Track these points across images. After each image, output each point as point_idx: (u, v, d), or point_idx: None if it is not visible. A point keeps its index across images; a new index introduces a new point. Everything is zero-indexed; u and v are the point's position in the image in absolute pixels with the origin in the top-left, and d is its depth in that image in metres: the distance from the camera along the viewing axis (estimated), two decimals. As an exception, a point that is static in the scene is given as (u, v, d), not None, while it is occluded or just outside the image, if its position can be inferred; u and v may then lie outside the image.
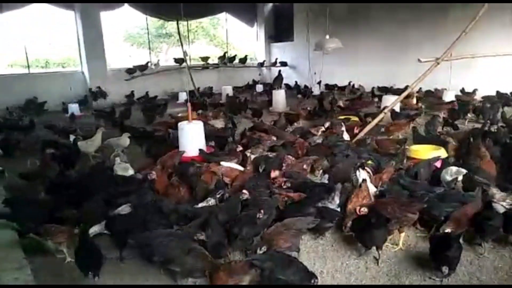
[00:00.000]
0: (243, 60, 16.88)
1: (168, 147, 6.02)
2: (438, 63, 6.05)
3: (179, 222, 3.60)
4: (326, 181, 4.34)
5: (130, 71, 14.00)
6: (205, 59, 16.10)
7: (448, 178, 4.22)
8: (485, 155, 4.72)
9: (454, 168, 4.30)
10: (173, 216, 3.61)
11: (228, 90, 13.67)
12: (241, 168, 4.81)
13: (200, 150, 5.58)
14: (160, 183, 4.37)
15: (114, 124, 8.54)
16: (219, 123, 7.96)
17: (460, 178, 4.12)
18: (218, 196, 3.92)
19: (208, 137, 6.24)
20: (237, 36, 20.47)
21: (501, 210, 3.44)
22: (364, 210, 3.51)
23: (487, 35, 9.65)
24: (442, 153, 5.27)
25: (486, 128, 6.20)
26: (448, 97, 9.62)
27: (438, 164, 4.62)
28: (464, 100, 9.22)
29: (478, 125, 7.00)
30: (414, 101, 9.57)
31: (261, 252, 3.01)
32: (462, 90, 10.23)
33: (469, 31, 6.02)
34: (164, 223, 3.54)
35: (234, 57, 16.77)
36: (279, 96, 10.94)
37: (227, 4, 16.88)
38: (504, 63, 9.17)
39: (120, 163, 4.75)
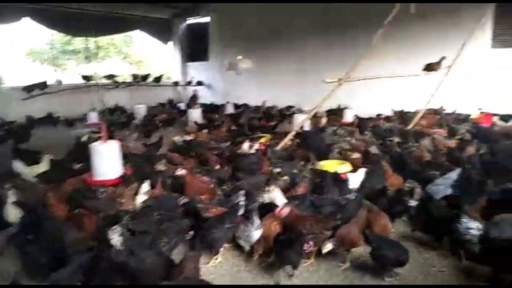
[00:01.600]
0: (158, 79, 16.49)
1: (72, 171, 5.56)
2: (341, 84, 6.54)
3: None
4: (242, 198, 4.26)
5: (27, 89, 12.65)
6: (110, 77, 15.19)
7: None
8: (388, 169, 5.15)
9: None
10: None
11: (142, 109, 13.12)
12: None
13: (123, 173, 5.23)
14: (59, 212, 3.97)
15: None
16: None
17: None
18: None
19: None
20: (151, 54, 20.05)
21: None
22: (286, 210, 3.59)
23: (384, 58, 10.68)
24: (347, 167, 5.64)
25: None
26: (349, 116, 10.44)
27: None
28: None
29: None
30: (324, 120, 10.03)
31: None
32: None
33: (368, 55, 6.64)
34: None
35: (147, 76, 16.30)
36: (195, 115, 10.87)
37: (141, 22, 16.51)
38: (398, 84, 10.17)
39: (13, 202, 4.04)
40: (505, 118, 8.81)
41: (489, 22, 9.58)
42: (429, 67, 7.84)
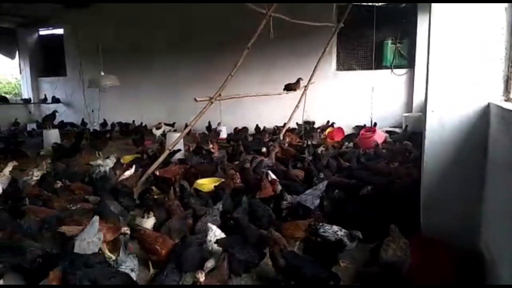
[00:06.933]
0: (3, 99, 14.40)
1: None
2: (212, 102, 6.71)
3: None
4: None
5: None
6: None
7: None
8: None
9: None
10: None
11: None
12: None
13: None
14: None
15: None
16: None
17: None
18: None
19: None
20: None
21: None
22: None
23: (250, 78, 11.33)
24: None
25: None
26: (223, 133, 10.83)
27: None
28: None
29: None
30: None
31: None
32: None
33: (235, 74, 6.96)
34: None
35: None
36: (51, 137, 9.54)
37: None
38: (265, 102, 10.97)
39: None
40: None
41: (334, 48, 11.15)
42: (289, 87, 8.66)
